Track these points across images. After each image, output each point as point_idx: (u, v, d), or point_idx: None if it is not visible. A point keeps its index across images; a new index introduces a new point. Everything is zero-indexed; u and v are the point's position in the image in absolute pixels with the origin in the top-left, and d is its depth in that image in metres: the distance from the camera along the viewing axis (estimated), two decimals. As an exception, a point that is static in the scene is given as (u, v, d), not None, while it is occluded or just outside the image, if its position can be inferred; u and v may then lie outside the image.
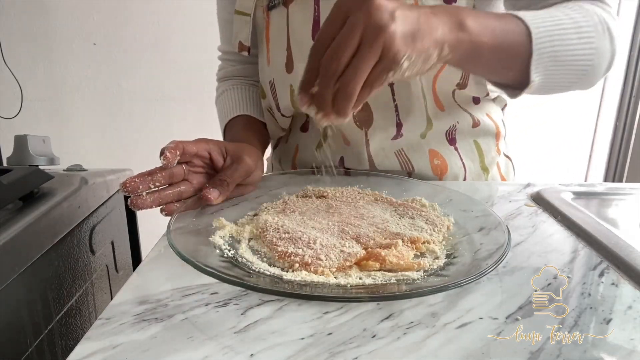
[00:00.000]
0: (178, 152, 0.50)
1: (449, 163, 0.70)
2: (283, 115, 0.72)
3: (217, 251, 0.44)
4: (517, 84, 0.53)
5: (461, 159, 0.70)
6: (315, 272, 0.40)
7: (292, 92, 0.67)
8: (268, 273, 0.41)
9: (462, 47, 0.44)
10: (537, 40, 0.49)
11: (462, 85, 0.66)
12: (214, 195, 0.50)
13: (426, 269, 0.42)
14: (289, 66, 0.67)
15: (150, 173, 0.50)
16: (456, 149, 0.70)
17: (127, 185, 0.48)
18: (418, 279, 0.40)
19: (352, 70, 0.38)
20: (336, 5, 0.40)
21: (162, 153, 0.50)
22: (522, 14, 0.50)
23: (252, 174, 0.56)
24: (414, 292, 0.36)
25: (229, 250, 0.44)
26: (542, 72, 0.51)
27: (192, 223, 0.49)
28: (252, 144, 0.63)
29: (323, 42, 0.39)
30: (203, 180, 0.55)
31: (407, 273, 0.41)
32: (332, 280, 0.40)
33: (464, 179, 0.71)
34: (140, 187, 0.49)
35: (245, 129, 0.71)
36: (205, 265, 0.38)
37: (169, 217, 0.47)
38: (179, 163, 0.52)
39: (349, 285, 0.39)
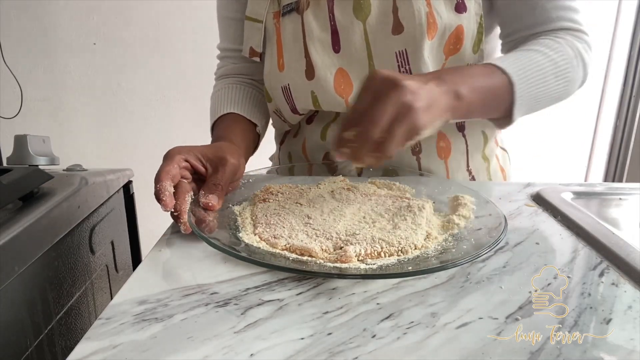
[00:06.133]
0: (168, 187, 0.49)
1: (453, 147, 0.73)
2: (299, 114, 0.74)
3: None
4: (502, 118, 0.62)
5: (466, 146, 0.73)
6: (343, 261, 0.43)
7: (314, 97, 0.69)
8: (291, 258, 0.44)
9: (459, 112, 0.54)
10: (518, 89, 0.57)
11: None
12: (214, 201, 0.51)
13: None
14: (309, 73, 0.68)
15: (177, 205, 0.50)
16: (464, 135, 0.73)
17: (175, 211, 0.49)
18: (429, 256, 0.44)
19: (390, 137, 0.47)
20: (366, 86, 0.48)
21: (158, 200, 0.49)
22: (506, 64, 0.58)
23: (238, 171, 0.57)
24: (446, 265, 0.40)
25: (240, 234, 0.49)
26: (524, 111, 0.60)
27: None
28: (234, 142, 0.63)
29: (357, 113, 0.48)
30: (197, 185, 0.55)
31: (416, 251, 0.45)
32: (356, 265, 0.42)
33: (467, 165, 0.74)
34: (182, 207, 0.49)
35: (230, 127, 0.71)
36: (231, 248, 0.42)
37: (174, 214, 0.49)
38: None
39: (375, 267, 0.42)
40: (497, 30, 0.70)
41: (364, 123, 0.47)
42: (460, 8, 0.62)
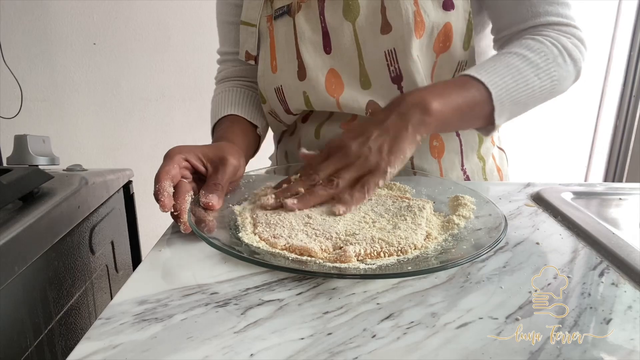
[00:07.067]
0: (168, 187, 0.49)
1: (446, 147, 0.73)
2: (293, 115, 0.74)
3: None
4: (487, 126, 0.63)
5: (461, 145, 0.73)
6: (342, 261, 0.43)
7: (306, 97, 0.70)
8: (291, 258, 0.44)
9: (431, 128, 0.55)
10: (496, 96, 0.57)
11: None
12: (214, 201, 0.50)
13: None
14: (301, 74, 0.69)
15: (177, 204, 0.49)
16: (458, 135, 0.73)
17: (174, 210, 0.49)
18: (429, 255, 0.44)
19: (365, 190, 0.53)
20: (328, 146, 0.56)
21: (157, 200, 0.48)
22: (482, 73, 0.58)
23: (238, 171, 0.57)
24: (444, 265, 0.40)
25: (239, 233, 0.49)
26: (507, 116, 0.61)
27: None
28: (234, 142, 0.63)
29: (314, 165, 0.56)
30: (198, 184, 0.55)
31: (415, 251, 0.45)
32: (355, 264, 0.42)
33: (461, 165, 0.74)
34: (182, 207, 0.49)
35: (231, 128, 0.71)
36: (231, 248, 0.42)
37: (174, 214, 0.49)
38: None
39: (375, 266, 0.41)
40: (491, 26, 0.69)
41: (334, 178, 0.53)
42: (447, 6, 0.62)
